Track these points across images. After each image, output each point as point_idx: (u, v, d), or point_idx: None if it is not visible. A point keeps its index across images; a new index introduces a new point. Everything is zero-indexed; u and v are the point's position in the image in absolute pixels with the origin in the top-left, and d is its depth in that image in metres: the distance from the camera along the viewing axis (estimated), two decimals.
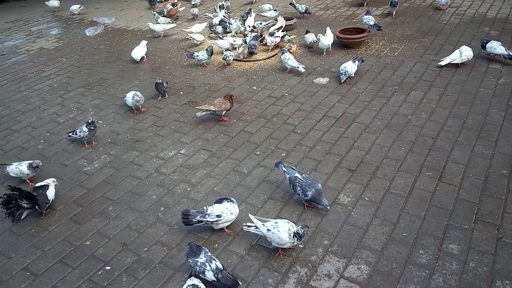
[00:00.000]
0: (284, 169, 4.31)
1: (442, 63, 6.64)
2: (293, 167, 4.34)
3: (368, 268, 3.51)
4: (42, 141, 5.84)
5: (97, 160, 5.29)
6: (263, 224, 3.69)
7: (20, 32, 10.79)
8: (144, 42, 8.19)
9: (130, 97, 6.14)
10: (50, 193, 4.44)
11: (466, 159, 4.66)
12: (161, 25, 9.28)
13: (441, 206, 4.07)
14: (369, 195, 4.30)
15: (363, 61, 6.73)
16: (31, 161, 4.92)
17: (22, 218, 4.40)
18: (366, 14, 8.23)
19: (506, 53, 6.50)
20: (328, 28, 7.56)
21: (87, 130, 5.39)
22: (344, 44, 7.83)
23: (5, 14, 12.48)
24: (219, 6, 9.70)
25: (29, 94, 7.28)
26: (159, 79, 6.52)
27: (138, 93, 6.19)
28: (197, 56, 7.52)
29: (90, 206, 4.54)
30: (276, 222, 3.65)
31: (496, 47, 6.58)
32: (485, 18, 8.45)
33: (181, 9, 10.48)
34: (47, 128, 6.14)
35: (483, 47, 6.76)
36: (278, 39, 7.87)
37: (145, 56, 8.14)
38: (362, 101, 6.00)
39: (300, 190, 4.09)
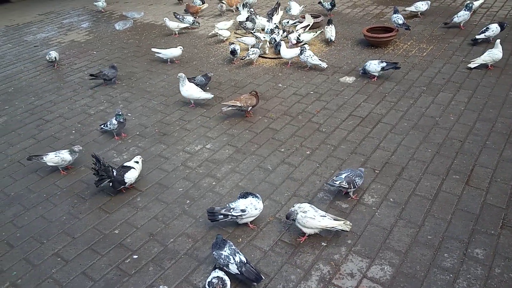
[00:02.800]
0: (334, 184, 4.24)
1: (472, 65, 6.53)
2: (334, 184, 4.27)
3: (392, 269, 3.52)
4: (73, 131, 6.03)
5: (126, 152, 5.43)
6: None
7: (52, 24, 11.08)
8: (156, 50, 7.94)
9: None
10: (129, 176, 4.57)
11: (494, 163, 4.59)
12: (175, 23, 9.19)
13: (467, 210, 4.03)
14: (394, 196, 4.29)
15: (397, 68, 6.49)
16: (68, 149, 5.09)
17: (98, 186, 4.60)
18: (394, 13, 8.14)
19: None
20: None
21: (116, 122, 5.54)
22: (371, 43, 7.77)
23: (38, 6, 12.83)
24: (242, 4, 9.62)
25: (61, 85, 7.49)
26: (211, 74, 6.67)
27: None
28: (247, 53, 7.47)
29: (119, 196, 4.68)
30: None
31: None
32: None
33: (203, 7, 10.35)
34: (79, 119, 6.32)
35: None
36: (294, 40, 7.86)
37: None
38: (389, 101, 5.96)
39: (359, 179, 4.25)
